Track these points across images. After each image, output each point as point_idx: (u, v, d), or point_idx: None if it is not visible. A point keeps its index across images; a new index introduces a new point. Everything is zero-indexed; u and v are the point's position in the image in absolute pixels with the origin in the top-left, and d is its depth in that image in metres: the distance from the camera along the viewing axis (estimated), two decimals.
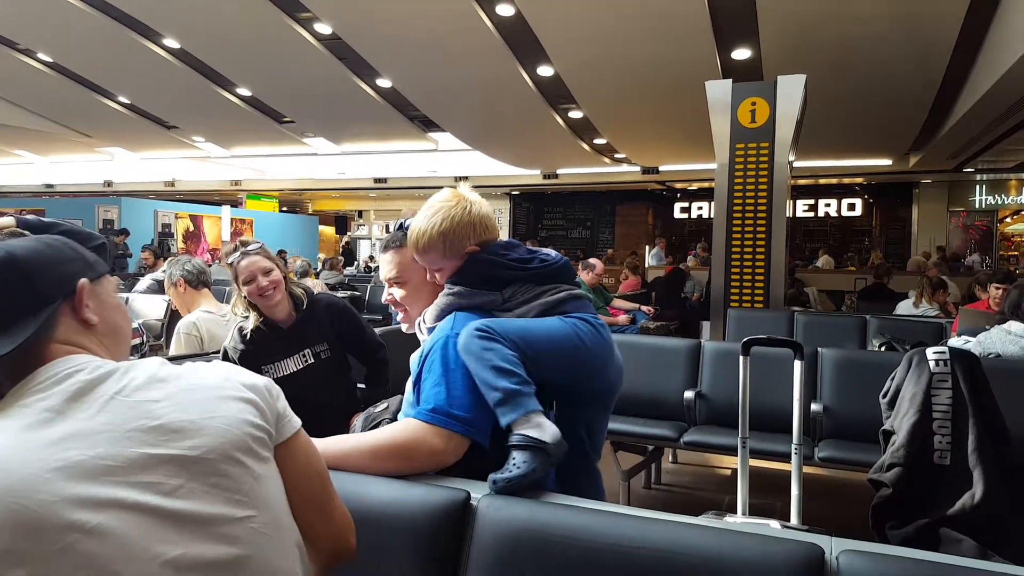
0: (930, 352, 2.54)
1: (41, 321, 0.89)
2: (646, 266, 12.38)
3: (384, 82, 9.89)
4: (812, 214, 17.00)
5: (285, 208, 21.41)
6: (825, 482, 4.18)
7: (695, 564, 1.12)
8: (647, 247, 15.39)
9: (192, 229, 16.42)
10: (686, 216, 18.40)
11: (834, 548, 1.12)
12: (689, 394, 3.78)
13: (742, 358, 2.81)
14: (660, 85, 8.89)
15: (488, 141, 12.90)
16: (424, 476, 1.38)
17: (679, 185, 16.88)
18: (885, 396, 2.67)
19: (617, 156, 13.79)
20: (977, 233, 15.84)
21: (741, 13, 6.93)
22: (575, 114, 10.87)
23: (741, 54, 8.07)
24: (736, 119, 5.65)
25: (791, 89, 5.54)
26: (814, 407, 3.53)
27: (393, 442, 1.33)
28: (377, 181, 17.43)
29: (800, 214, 16.81)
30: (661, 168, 14.53)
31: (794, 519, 2.70)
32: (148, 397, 0.87)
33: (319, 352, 2.61)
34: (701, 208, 17.91)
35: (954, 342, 3.72)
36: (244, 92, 10.93)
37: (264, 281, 2.50)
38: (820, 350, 3.78)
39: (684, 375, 3.91)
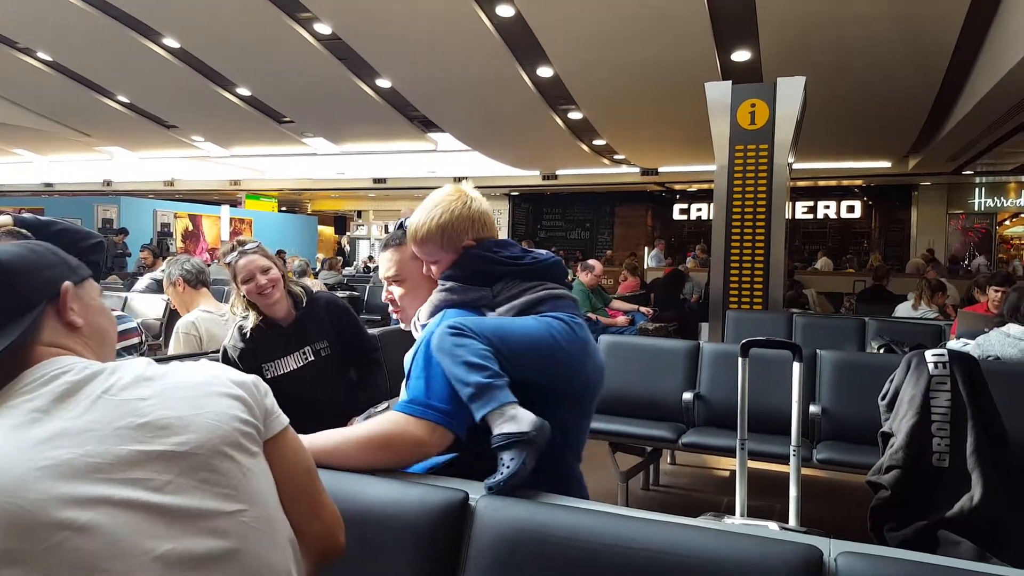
0: (929, 354, 2.54)
1: (26, 324, 0.90)
2: (645, 267, 12.38)
3: (384, 82, 9.89)
4: (811, 216, 16.99)
5: (284, 208, 21.40)
6: (823, 484, 4.18)
7: (693, 565, 1.12)
8: (646, 248, 15.39)
9: (191, 229, 16.41)
10: (685, 217, 18.40)
11: (832, 550, 1.12)
12: (688, 395, 3.79)
13: (741, 360, 2.81)
14: (660, 86, 8.89)
15: (487, 142, 12.90)
16: (423, 476, 1.38)
17: (678, 186, 16.88)
18: (884, 398, 2.67)
19: (616, 157, 13.79)
20: (976, 236, 15.86)
21: (741, 15, 6.93)
22: (575, 115, 10.87)
23: (741, 56, 8.08)
24: (736, 121, 5.65)
25: (791, 91, 5.55)
26: (812, 409, 3.53)
27: (376, 435, 1.35)
28: (376, 181, 17.43)
29: (799, 216, 16.81)
30: (660, 169, 14.53)
31: (792, 521, 2.69)
32: (135, 395, 0.87)
33: (319, 350, 2.62)
34: (700, 210, 17.91)
35: (953, 344, 3.72)
36: (244, 92, 10.93)
37: (263, 279, 2.50)
38: (819, 352, 3.78)
39: (683, 376, 3.91)
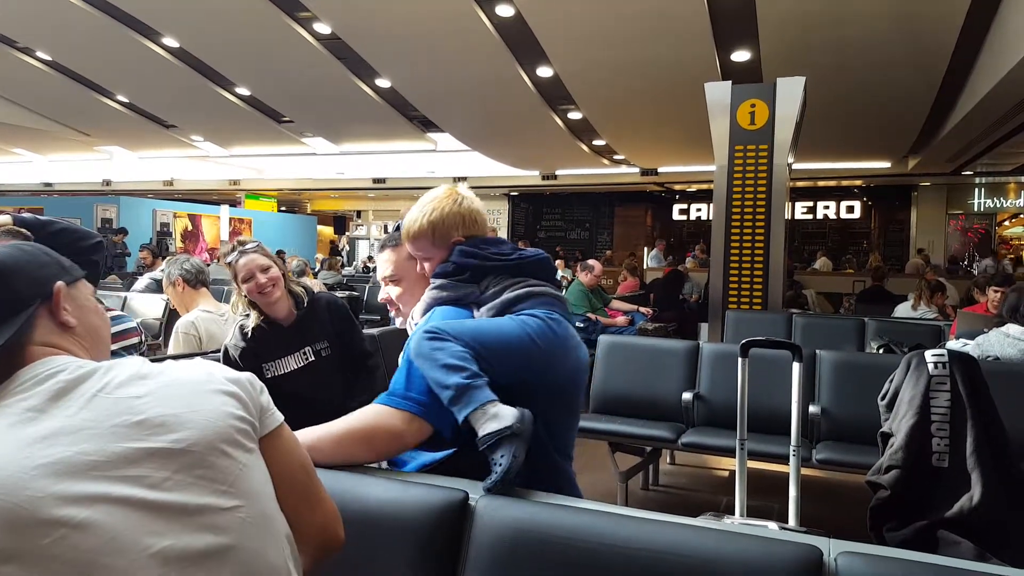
0: (929, 355, 2.54)
1: (20, 324, 0.90)
2: (645, 267, 12.38)
3: (383, 82, 9.89)
4: (811, 216, 16.99)
5: (284, 208, 21.40)
6: (823, 484, 4.18)
7: (694, 565, 1.12)
8: (646, 248, 15.39)
9: (191, 228, 16.41)
10: (685, 218, 18.39)
11: (832, 550, 1.12)
12: (687, 395, 3.78)
13: (741, 360, 2.81)
14: (659, 86, 8.89)
15: (487, 142, 12.89)
16: (423, 476, 1.38)
17: (678, 187, 16.88)
18: (883, 398, 2.67)
19: (616, 157, 13.79)
20: (976, 236, 15.86)
21: (741, 15, 6.93)
22: (574, 115, 10.87)
23: (741, 56, 8.08)
24: (735, 121, 5.65)
25: (790, 91, 5.54)
26: (812, 409, 3.53)
27: (353, 428, 1.37)
28: (376, 181, 17.42)
29: (799, 216, 16.80)
30: (660, 169, 14.52)
31: (792, 521, 2.69)
32: (131, 393, 0.87)
33: (320, 350, 2.62)
34: (700, 210, 17.90)
35: (952, 345, 3.72)
36: (243, 92, 10.93)
37: (263, 278, 2.51)
38: (818, 352, 3.78)
39: (682, 376, 3.91)
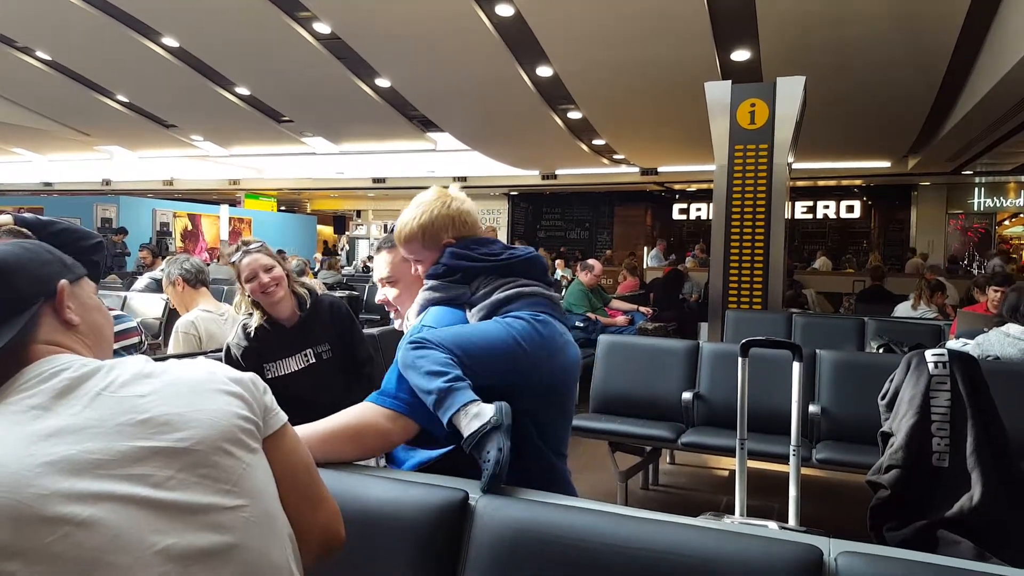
0: (929, 354, 2.54)
1: (24, 322, 0.90)
2: (645, 267, 12.39)
3: (383, 82, 9.89)
4: (811, 216, 16.99)
5: (283, 208, 21.40)
6: (823, 484, 4.18)
7: (694, 565, 1.12)
8: (646, 248, 15.39)
9: (190, 228, 16.41)
10: (685, 217, 18.40)
11: (832, 549, 1.12)
12: (687, 395, 3.78)
13: (740, 359, 2.80)
14: (659, 86, 8.88)
15: (487, 141, 12.89)
16: (423, 476, 1.38)
17: (678, 186, 16.88)
18: (884, 398, 2.67)
19: (616, 157, 13.79)
20: (976, 236, 15.86)
21: (741, 14, 6.93)
22: (574, 115, 10.87)
23: (741, 55, 8.07)
24: (735, 120, 5.65)
25: (790, 90, 5.54)
26: (812, 408, 3.53)
27: (343, 424, 1.38)
28: (376, 181, 17.41)
29: (799, 216, 16.80)
30: (660, 169, 14.52)
31: (792, 520, 2.69)
32: (134, 392, 0.87)
33: (321, 352, 2.61)
34: (700, 209, 17.90)
35: (952, 344, 3.72)
36: (243, 91, 10.92)
37: (265, 277, 2.51)
38: (818, 352, 3.78)
39: (682, 376, 3.91)
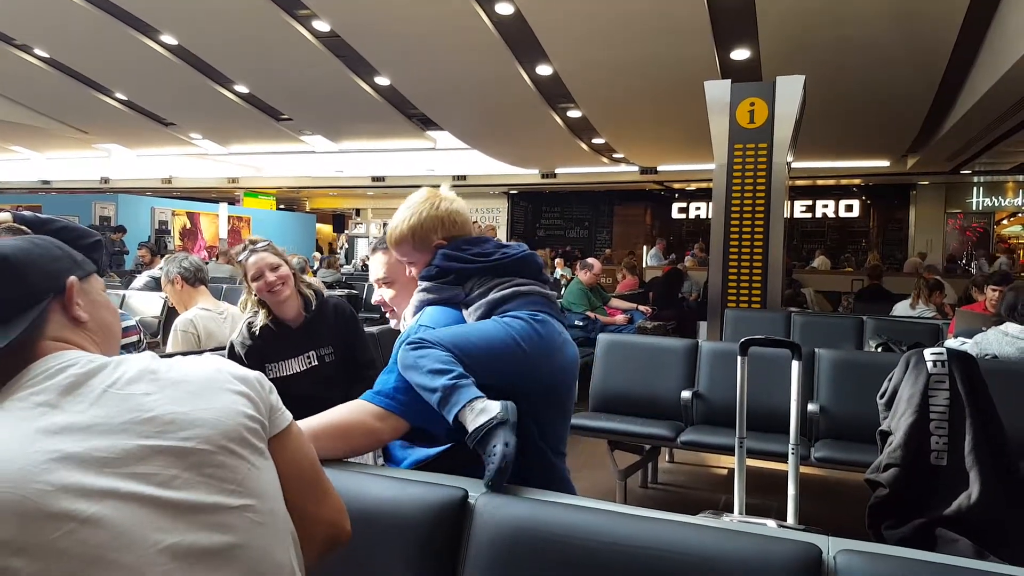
0: (928, 353, 2.54)
1: (33, 318, 0.90)
2: (644, 266, 12.38)
3: (382, 80, 9.88)
4: (810, 215, 17.01)
5: (283, 206, 21.38)
6: (822, 482, 4.19)
7: (693, 563, 1.12)
8: (645, 247, 15.40)
9: (189, 226, 16.38)
10: (684, 216, 18.40)
11: (831, 548, 1.12)
12: (686, 394, 3.79)
13: (740, 358, 2.81)
14: (659, 85, 8.88)
15: (486, 140, 12.88)
16: (422, 474, 1.38)
17: (677, 185, 16.89)
18: (882, 397, 2.67)
19: (615, 156, 13.79)
20: (974, 235, 15.87)
21: (740, 13, 6.93)
22: (574, 113, 10.86)
23: (740, 54, 8.07)
24: (735, 119, 5.65)
25: (790, 89, 5.54)
26: (811, 407, 3.53)
27: (332, 422, 1.38)
28: (375, 179, 17.41)
29: (798, 215, 16.81)
30: (659, 168, 14.53)
31: (791, 519, 2.69)
32: (140, 390, 0.88)
33: (323, 355, 2.60)
34: (699, 208, 17.91)
35: (951, 343, 3.72)
36: (242, 89, 10.91)
37: (271, 276, 2.50)
38: (817, 351, 3.78)
39: (681, 375, 3.91)
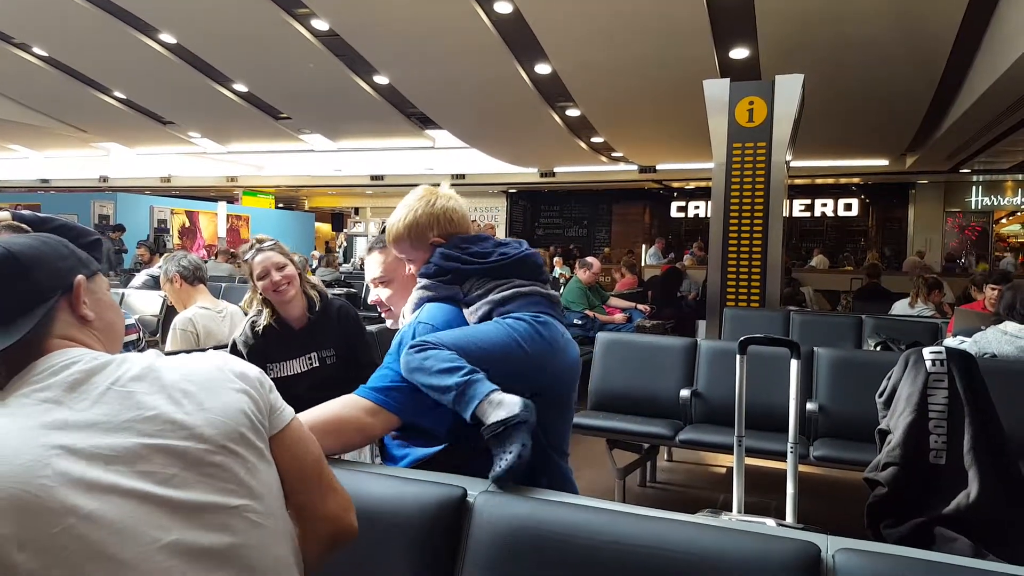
0: (927, 352, 2.54)
1: (40, 316, 0.91)
2: (643, 265, 12.38)
3: (381, 79, 9.87)
4: (808, 214, 17.00)
5: (281, 205, 21.36)
6: (821, 481, 4.19)
7: (692, 562, 1.12)
8: (644, 246, 15.39)
9: (188, 225, 16.37)
10: (683, 215, 18.39)
11: (830, 546, 1.12)
12: (685, 392, 3.79)
13: (738, 357, 2.81)
14: (658, 84, 8.87)
15: (485, 139, 12.87)
16: (421, 473, 1.38)
17: (676, 184, 16.88)
18: (881, 396, 2.67)
19: (614, 155, 13.78)
20: (973, 234, 15.87)
21: (739, 12, 6.92)
22: (572, 112, 10.86)
23: (739, 53, 8.07)
24: (734, 118, 5.65)
25: (789, 88, 5.54)
26: (810, 406, 3.53)
27: (323, 417, 1.38)
28: (374, 178, 17.39)
29: (796, 214, 16.81)
30: (658, 167, 14.52)
31: (790, 518, 2.70)
32: (143, 389, 0.89)
33: (325, 357, 2.59)
34: (698, 207, 17.90)
35: (949, 342, 3.73)
36: (241, 88, 10.89)
37: (277, 276, 2.49)
38: (816, 349, 3.78)
39: (680, 374, 3.92)
